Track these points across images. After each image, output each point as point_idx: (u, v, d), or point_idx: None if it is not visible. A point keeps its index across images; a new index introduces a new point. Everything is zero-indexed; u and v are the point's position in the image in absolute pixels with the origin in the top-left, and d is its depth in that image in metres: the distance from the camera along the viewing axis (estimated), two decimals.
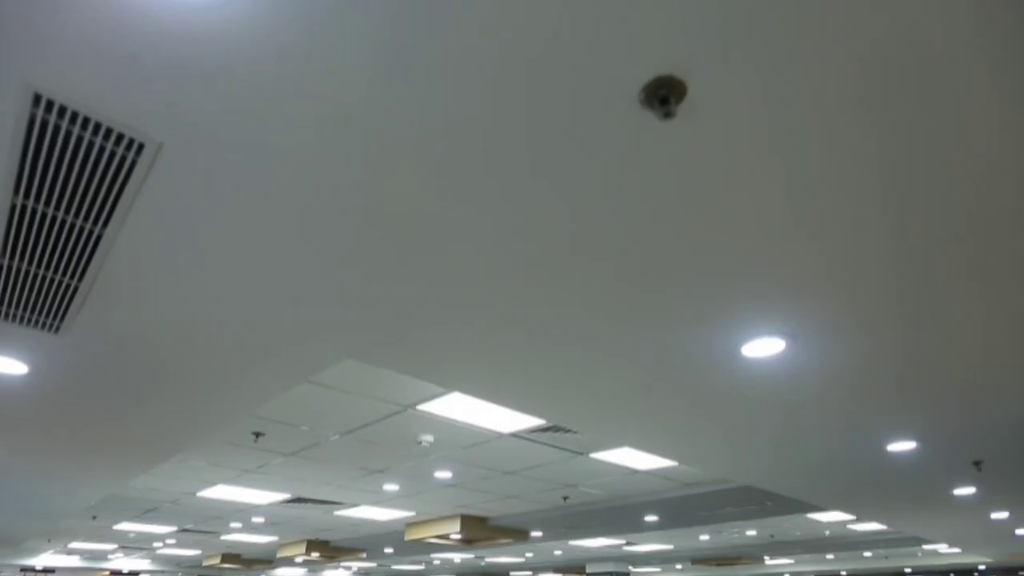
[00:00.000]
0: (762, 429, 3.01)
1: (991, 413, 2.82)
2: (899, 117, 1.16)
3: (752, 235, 1.50)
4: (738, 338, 2.01)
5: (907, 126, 1.18)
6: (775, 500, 5.45)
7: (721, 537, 8.96)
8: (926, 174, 1.31)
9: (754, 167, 1.28)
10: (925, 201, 1.39)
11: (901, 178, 1.32)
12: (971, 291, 1.76)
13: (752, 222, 1.45)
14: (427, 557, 11.38)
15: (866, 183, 1.33)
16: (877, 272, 1.65)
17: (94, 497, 4.99)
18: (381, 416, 3.61)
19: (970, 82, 1.08)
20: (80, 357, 2.25)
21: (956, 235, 1.51)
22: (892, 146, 1.23)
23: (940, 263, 1.63)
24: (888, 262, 1.61)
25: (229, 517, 7.49)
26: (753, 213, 1.42)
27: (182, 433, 3.16)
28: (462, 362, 2.21)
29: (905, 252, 1.57)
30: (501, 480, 5.24)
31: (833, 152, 1.25)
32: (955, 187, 1.35)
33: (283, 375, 2.37)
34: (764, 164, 1.28)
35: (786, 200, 1.38)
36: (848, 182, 1.33)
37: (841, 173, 1.30)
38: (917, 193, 1.36)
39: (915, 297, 1.79)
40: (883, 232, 1.49)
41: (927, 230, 1.49)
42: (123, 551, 11.54)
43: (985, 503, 5.13)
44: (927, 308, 1.85)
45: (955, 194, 1.37)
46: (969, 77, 1.07)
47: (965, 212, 1.42)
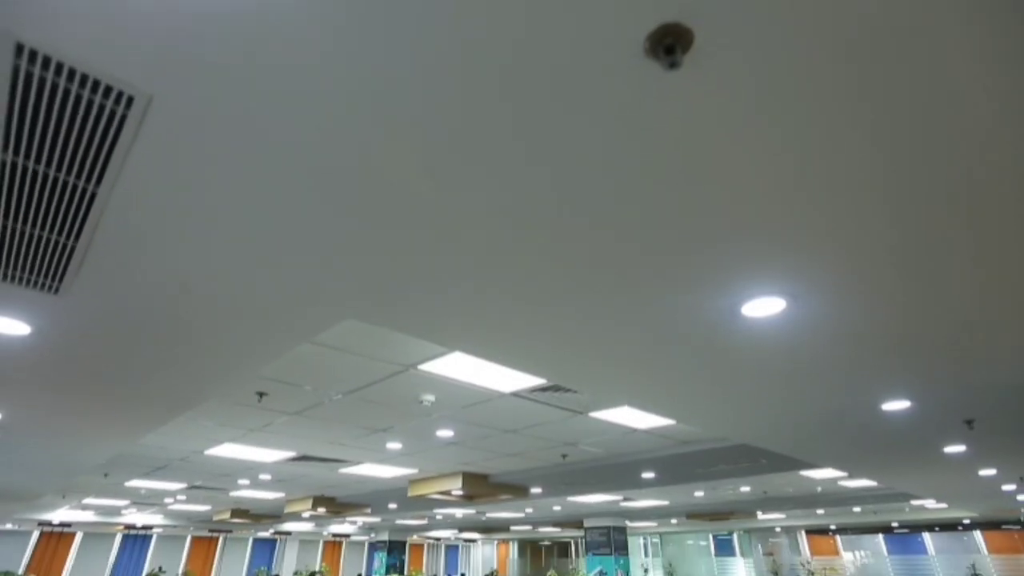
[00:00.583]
0: (760, 388, 3.05)
1: (985, 373, 2.85)
2: (900, 78, 1.12)
3: (754, 194, 1.47)
4: (738, 298, 2.01)
5: (907, 87, 1.15)
6: (769, 458, 5.58)
7: (715, 493, 9.22)
8: (924, 135, 1.27)
9: (758, 123, 1.25)
10: (924, 162, 1.36)
11: (902, 140, 1.28)
12: (970, 252, 1.75)
13: (754, 181, 1.43)
14: (430, 512, 11.76)
15: (867, 144, 1.30)
16: (878, 233, 1.64)
17: (104, 455, 5.11)
18: (383, 376, 3.66)
19: (972, 40, 1.04)
20: (81, 318, 2.26)
21: (954, 196, 1.48)
22: (893, 107, 1.20)
23: (939, 224, 1.61)
24: (888, 223, 1.59)
25: (237, 474, 7.69)
26: (755, 172, 1.39)
27: (187, 394, 3.21)
28: (463, 322, 2.22)
29: (905, 213, 1.55)
30: (501, 438, 5.35)
31: (835, 110, 1.21)
32: (954, 148, 1.32)
33: (285, 336, 2.39)
34: (768, 121, 1.24)
35: (788, 159, 1.35)
36: (849, 142, 1.30)
37: (843, 132, 1.27)
38: (917, 154, 1.33)
39: (914, 258, 1.78)
40: (884, 193, 1.47)
41: (927, 191, 1.47)
42: (136, 507, 11.92)
43: (974, 461, 5.26)
44: (926, 269, 1.84)
45: (954, 155, 1.34)
46: (971, 36, 1.03)
47: (964, 173, 1.40)
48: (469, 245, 1.72)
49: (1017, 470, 5.87)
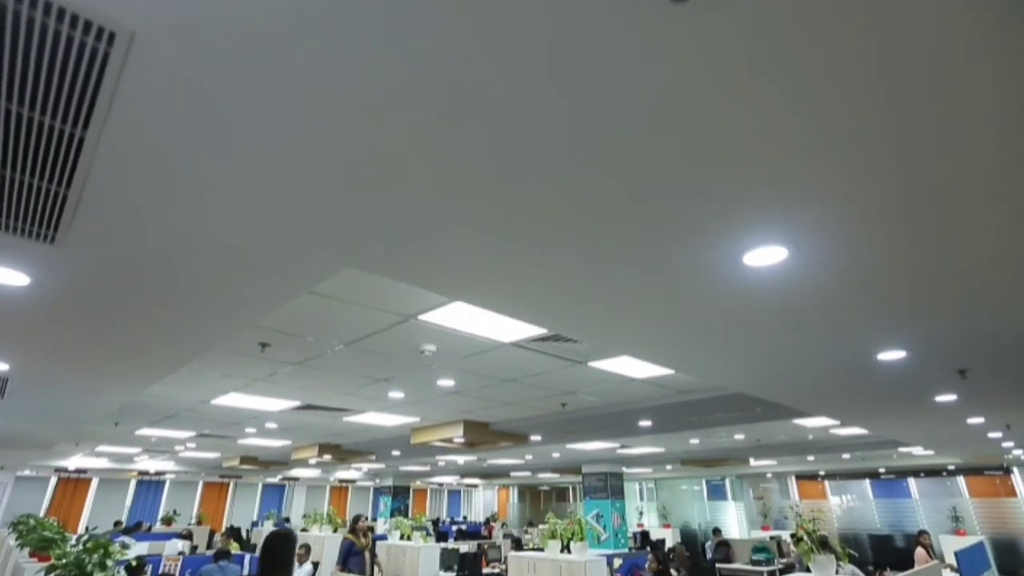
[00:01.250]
0: (760, 338, 3.08)
1: (981, 324, 2.87)
2: (904, 26, 1.07)
3: (757, 140, 1.43)
4: (740, 246, 1.99)
5: (915, 29, 1.09)
6: (764, 407, 5.70)
7: (710, 441, 9.49)
8: (930, 79, 1.22)
9: (763, 63, 1.20)
10: (929, 108, 1.31)
11: (907, 83, 1.23)
12: (971, 202, 1.72)
13: (758, 126, 1.38)
14: (432, 459, 12.14)
15: (872, 88, 1.25)
16: (881, 182, 1.60)
17: (112, 404, 5.23)
18: (384, 327, 3.68)
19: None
20: (79, 269, 2.25)
21: (957, 145, 1.44)
22: (899, 46, 1.14)
23: (942, 174, 1.58)
24: (891, 172, 1.56)
25: (243, 423, 7.89)
26: (759, 115, 1.35)
27: (188, 344, 3.24)
28: (464, 271, 2.21)
29: (908, 161, 1.51)
30: (502, 388, 5.45)
31: (842, 49, 1.16)
32: (961, 93, 1.27)
33: (284, 285, 2.38)
34: (773, 61, 1.19)
35: (793, 102, 1.30)
36: (854, 86, 1.25)
37: (848, 76, 1.22)
38: (922, 99, 1.28)
39: (917, 208, 1.75)
40: (887, 141, 1.43)
41: (929, 139, 1.42)
42: (147, 454, 12.30)
43: (964, 409, 5.37)
44: (928, 219, 1.82)
45: (961, 101, 1.29)
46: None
47: (969, 122, 1.35)
48: (470, 194, 1.69)
49: (1004, 418, 6.01)
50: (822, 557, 4.43)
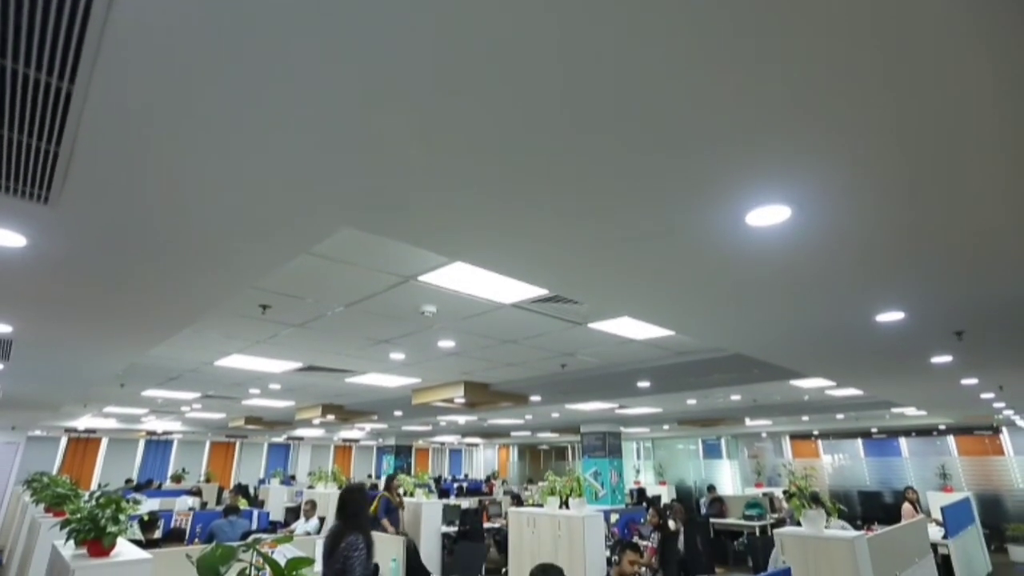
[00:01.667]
0: (759, 299, 3.08)
1: (980, 284, 2.87)
2: None
3: (761, 92, 1.39)
4: (743, 205, 1.97)
5: None
6: (762, 368, 5.77)
7: (707, 401, 9.65)
8: (936, 35, 1.18)
9: (767, 15, 1.15)
10: (935, 64, 1.26)
11: (913, 35, 1.19)
12: (974, 162, 1.69)
13: (760, 81, 1.34)
14: (433, 419, 12.37)
15: (872, 38, 1.20)
16: (883, 137, 1.57)
17: (117, 366, 5.29)
18: (384, 288, 3.69)
19: None
20: (74, 229, 2.23)
21: (958, 107, 1.40)
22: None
23: (945, 133, 1.54)
24: (894, 128, 1.52)
25: (247, 384, 8.00)
26: (761, 71, 1.30)
27: (189, 306, 3.25)
28: (464, 231, 2.19)
29: (910, 117, 1.48)
30: (502, 349, 5.50)
31: (843, 7, 1.11)
32: (968, 50, 1.22)
33: (282, 246, 2.37)
34: (769, 7, 1.14)
35: (797, 57, 1.26)
36: (853, 36, 1.20)
37: (847, 25, 1.17)
38: (928, 53, 1.24)
39: (918, 164, 1.72)
40: (892, 101, 1.39)
41: (933, 101, 1.38)
42: (154, 415, 12.52)
43: (958, 371, 5.44)
44: (931, 177, 1.79)
45: (967, 59, 1.24)
46: None
47: (974, 81, 1.31)
48: (468, 156, 1.66)
49: (997, 379, 6.09)
50: (813, 512, 4.57)
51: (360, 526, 3.22)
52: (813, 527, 4.50)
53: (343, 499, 3.35)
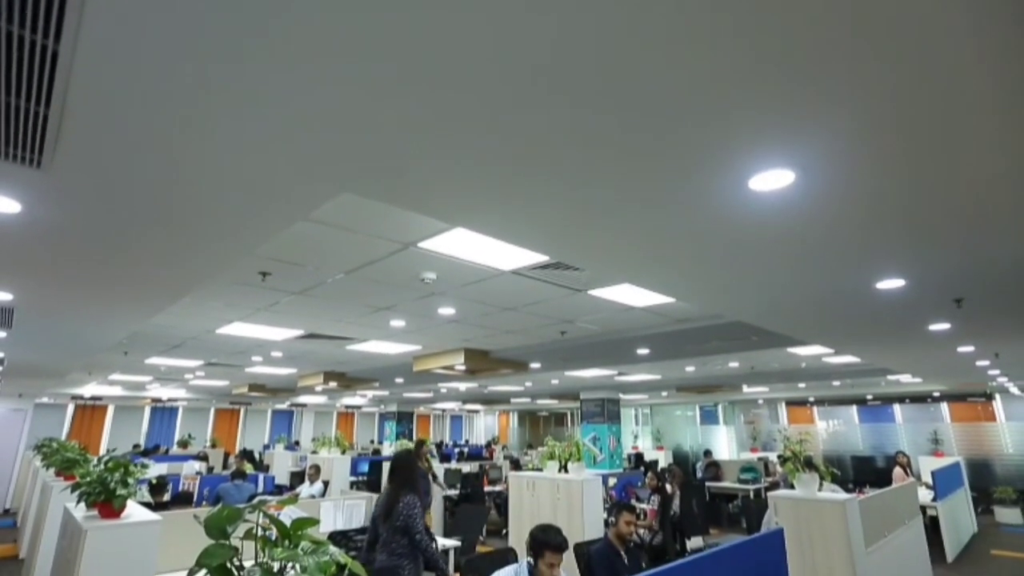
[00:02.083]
0: (761, 265, 3.07)
1: (980, 252, 2.86)
2: None
3: (764, 57, 1.35)
4: (746, 170, 1.94)
5: None
6: (760, 335, 5.80)
7: (705, 368, 9.75)
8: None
9: None
10: (942, 30, 1.22)
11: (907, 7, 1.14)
12: (970, 125, 1.65)
13: (762, 44, 1.30)
14: (434, 386, 12.52)
15: (874, 11, 1.16)
16: (887, 98, 1.53)
17: (119, 334, 5.31)
18: (383, 254, 3.67)
19: None
20: (68, 195, 2.21)
21: (962, 70, 1.36)
22: None
23: (950, 96, 1.51)
24: (894, 93, 1.48)
25: (249, 352, 8.06)
26: (763, 35, 1.26)
27: (188, 274, 3.24)
28: (464, 197, 2.17)
29: (908, 83, 1.44)
30: (502, 316, 5.52)
31: None
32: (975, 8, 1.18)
33: (280, 212, 2.35)
34: None
35: (802, 22, 1.21)
36: (858, 7, 1.16)
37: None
38: (935, 18, 1.20)
39: (917, 129, 1.69)
40: (889, 62, 1.34)
41: (929, 64, 1.34)
42: (159, 382, 12.67)
43: (955, 338, 5.47)
44: (928, 141, 1.76)
45: (954, 28, 1.20)
46: None
47: (980, 43, 1.27)
48: (466, 122, 1.62)
49: (993, 346, 6.14)
50: (806, 475, 4.67)
51: (413, 488, 3.48)
52: (806, 490, 4.61)
53: (395, 464, 3.63)
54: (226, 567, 1.47)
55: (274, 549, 1.49)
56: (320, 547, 1.53)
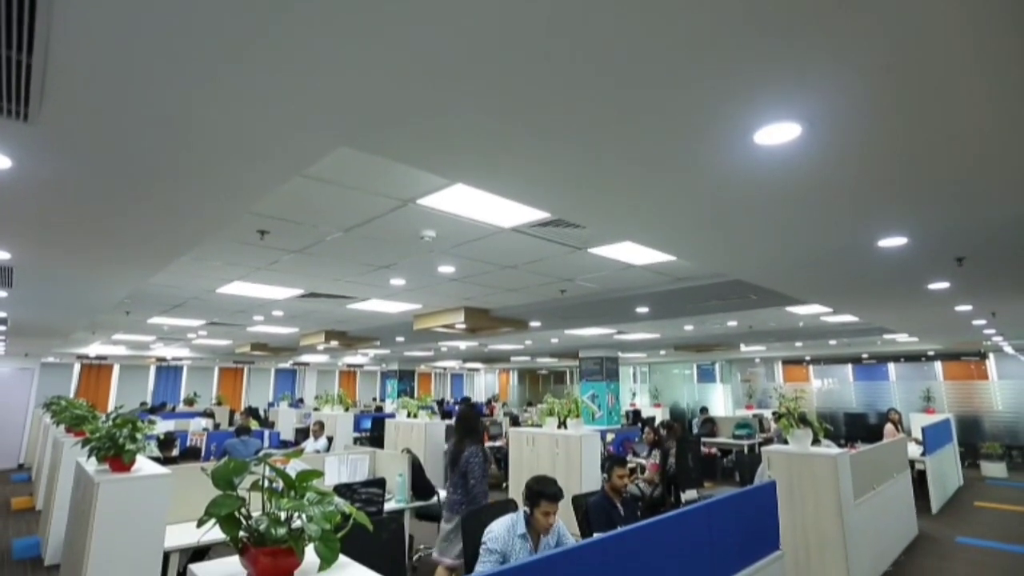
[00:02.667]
0: (765, 222, 3.04)
1: (983, 210, 2.83)
2: None
3: (769, 4, 1.29)
4: (752, 123, 1.89)
5: None
6: (760, 294, 5.82)
7: (704, 327, 9.82)
8: None
9: None
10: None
11: None
12: (975, 79, 1.59)
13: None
14: (435, 344, 12.65)
15: None
16: (889, 51, 1.47)
17: (119, 293, 5.32)
18: (382, 212, 3.63)
19: None
20: (58, 150, 2.15)
21: (970, 27, 1.30)
22: None
23: (955, 49, 1.45)
24: (899, 41, 1.42)
25: (250, 311, 8.10)
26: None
27: (184, 231, 3.21)
28: (464, 152, 2.12)
29: (913, 31, 1.37)
30: (501, 274, 5.52)
31: None
32: None
33: (277, 167, 2.30)
34: None
35: None
36: None
37: None
38: None
39: (929, 84, 1.63)
40: (899, 10, 1.29)
41: (945, 18, 1.28)
42: (162, 342, 12.79)
43: (954, 297, 5.49)
44: (941, 95, 1.70)
45: None
46: None
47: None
48: (470, 75, 1.56)
49: (991, 306, 6.17)
50: (800, 431, 4.77)
51: (476, 439, 4.01)
52: (799, 445, 4.72)
53: (460, 418, 4.15)
54: (234, 516, 1.51)
55: (280, 500, 1.53)
56: (325, 497, 1.57)
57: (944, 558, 5.49)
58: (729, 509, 2.95)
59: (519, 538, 2.81)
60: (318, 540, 1.45)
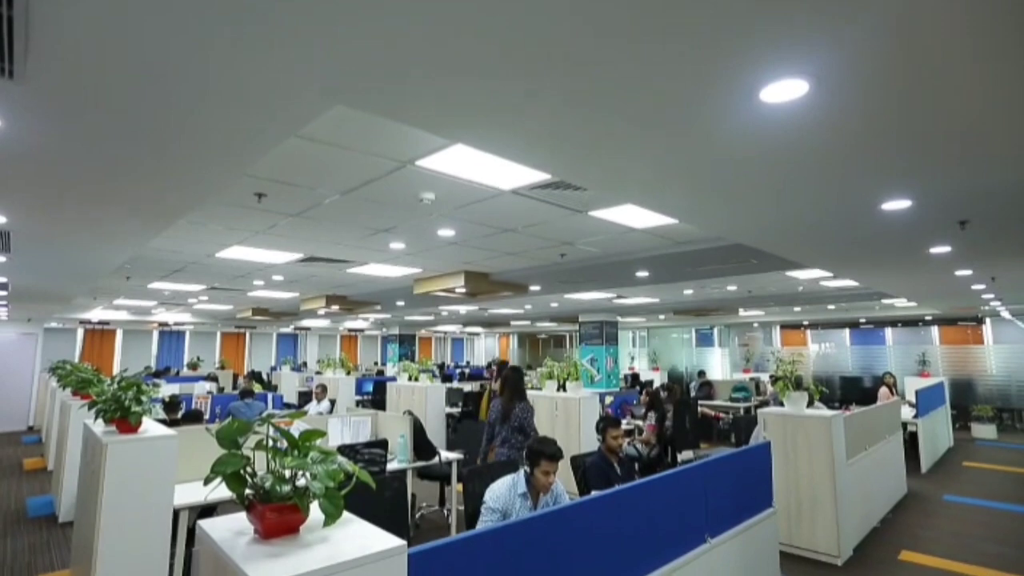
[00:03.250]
0: (768, 184, 3.00)
1: (987, 172, 2.79)
2: None
3: None
4: (758, 80, 1.84)
5: None
6: (760, 258, 5.80)
7: (703, 292, 9.84)
8: None
9: None
10: None
11: None
12: (994, 42, 1.54)
13: None
14: (435, 309, 12.70)
15: None
16: (908, 3, 1.42)
17: (118, 258, 5.30)
18: (380, 173, 3.58)
19: None
20: (48, 108, 2.10)
21: None
22: None
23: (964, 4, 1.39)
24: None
25: (250, 276, 8.10)
26: None
27: (180, 194, 3.17)
28: (464, 111, 2.07)
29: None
30: (501, 237, 5.49)
31: None
32: None
33: (272, 127, 2.25)
34: None
35: None
36: None
37: None
38: None
39: (939, 40, 1.58)
40: None
41: None
42: (164, 307, 12.84)
43: (955, 261, 5.47)
44: (949, 53, 1.65)
45: None
46: None
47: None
48: (471, 30, 1.51)
49: (991, 270, 6.16)
50: (796, 394, 4.84)
51: (523, 396, 4.68)
52: (795, 407, 4.79)
53: (506, 378, 4.77)
54: (240, 474, 1.54)
55: (284, 459, 1.56)
56: (329, 456, 1.60)
57: (930, 515, 5.66)
58: (724, 468, 3.02)
59: (519, 497, 2.88)
60: (322, 497, 1.48)
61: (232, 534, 1.51)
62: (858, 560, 4.39)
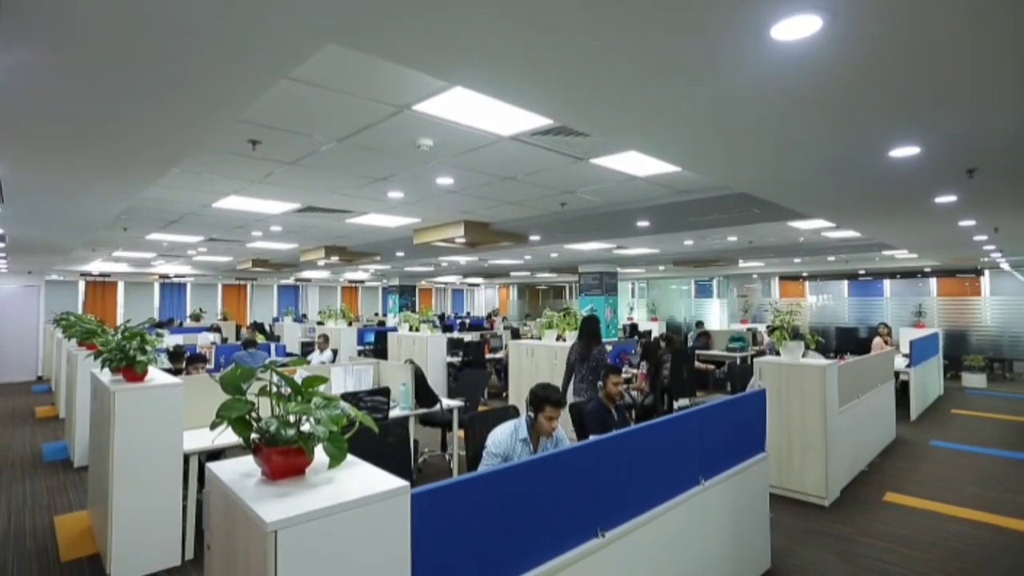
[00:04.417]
0: (775, 130, 2.92)
1: (997, 119, 2.71)
2: None
3: None
4: (769, 15, 1.75)
5: None
6: (763, 207, 5.74)
7: (704, 242, 9.79)
8: None
9: None
10: None
11: None
12: None
13: None
14: (435, 259, 12.69)
15: None
16: None
17: (114, 208, 5.23)
18: (377, 119, 3.48)
19: None
20: (28, 50, 2.02)
21: None
22: None
23: None
24: None
25: (249, 226, 8.03)
26: None
27: (171, 139, 3.09)
28: (463, 50, 1.98)
29: None
30: (501, 186, 5.41)
31: None
32: None
33: (262, 67, 2.17)
34: None
35: None
36: None
37: None
38: None
39: None
40: None
41: None
42: (163, 259, 12.81)
43: (959, 211, 5.41)
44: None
45: None
46: None
47: None
48: None
49: (994, 221, 6.11)
50: (792, 343, 4.90)
51: (599, 340, 5.49)
52: (791, 356, 4.86)
53: (584, 325, 5.65)
54: (245, 419, 1.57)
55: (288, 404, 1.59)
56: (331, 402, 1.63)
57: (917, 459, 5.85)
58: (719, 415, 3.08)
59: (521, 442, 2.96)
60: (326, 440, 1.52)
61: (240, 476, 1.56)
62: (844, 501, 4.57)
